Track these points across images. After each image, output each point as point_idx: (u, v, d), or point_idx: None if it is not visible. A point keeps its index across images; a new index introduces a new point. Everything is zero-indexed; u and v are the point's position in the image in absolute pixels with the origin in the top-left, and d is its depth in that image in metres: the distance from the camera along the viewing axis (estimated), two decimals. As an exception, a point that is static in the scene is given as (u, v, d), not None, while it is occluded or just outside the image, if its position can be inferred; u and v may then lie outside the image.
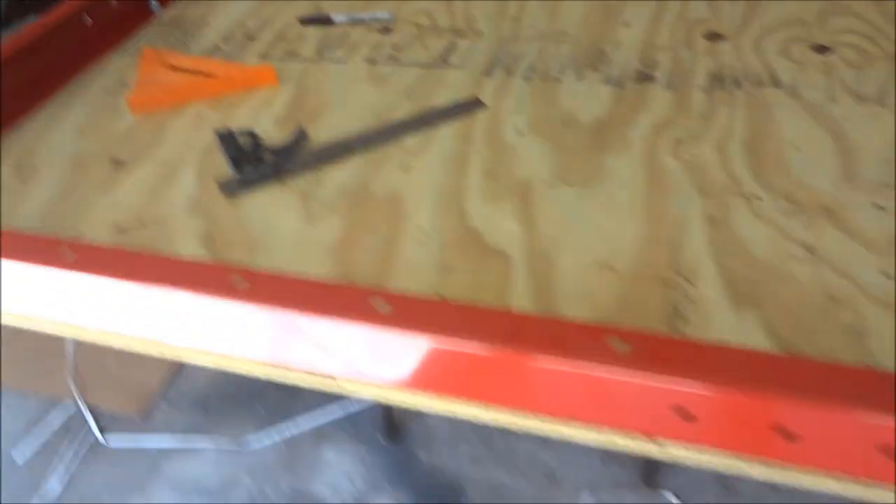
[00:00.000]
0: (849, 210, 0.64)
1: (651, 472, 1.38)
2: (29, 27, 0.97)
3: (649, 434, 0.48)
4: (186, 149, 0.81)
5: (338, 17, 1.03)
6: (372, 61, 0.94)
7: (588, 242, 0.63)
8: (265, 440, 1.53)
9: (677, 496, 1.35)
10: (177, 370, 1.70)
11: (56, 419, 1.63)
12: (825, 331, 0.52)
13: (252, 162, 0.76)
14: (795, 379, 0.43)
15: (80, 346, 1.76)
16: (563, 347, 0.46)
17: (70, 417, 1.63)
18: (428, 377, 0.51)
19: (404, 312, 0.49)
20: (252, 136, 0.80)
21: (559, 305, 0.56)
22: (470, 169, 0.73)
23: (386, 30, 1.01)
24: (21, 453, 1.57)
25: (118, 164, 0.80)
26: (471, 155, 0.75)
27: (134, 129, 0.86)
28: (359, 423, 1.55)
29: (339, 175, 0.74)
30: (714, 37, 0.90)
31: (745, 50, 0.87)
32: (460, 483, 1.43)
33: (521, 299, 0.57)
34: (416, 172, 0.73)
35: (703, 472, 1.37)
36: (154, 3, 1.12)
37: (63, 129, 0.88)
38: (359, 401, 1.56)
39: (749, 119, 0.76)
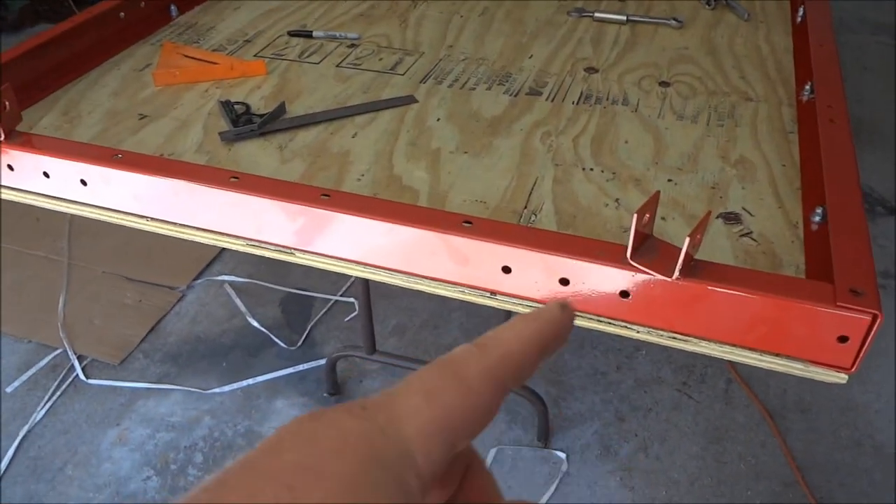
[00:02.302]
0: (650, 181, 0.90)
1: (545, 433, 1.60)
2: (78, 16, 1.20)
3: (485, 287, 0.72)
4: (195, 112, 1.05)
5: (317, 33, 1.28)
6: (339, 66, 1.18)
7: (471, 188, 0.88)
8: (226, 388, 1.73)
9: (565, 453, 1.58)
10: (153, 328, 1.90)
11: (45, 361, 1.82)
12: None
13: (244, 122, 1.00)
14: (577, 248, 0.68)
15: (69, 302, 1.95)
16: (435, 224, 0.70)
17: (57, 358, 1.81)
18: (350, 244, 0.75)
19: (340, 200, 0.74)
20: (245, 105, 1.04)
21: (444, 218, 0.80)
22: (399, 140, 0.98)
23: (353, 46, 1.26)
24: (12, 387, 1.75)
25: (143, 117, 1.04)
26: (401, 131, 1.00)
27: (155, 96, 1.10)
28: (307, 380, 1.75)
29: (306, 136, 0.99)
30: (591, 70, 1.17)
31: (610, 80, 1.14)
32: (386, 435, 1.63)
33: (420, 213, 0.81)
34: (361, 138, 0.98)
35: (586, 434, 1.61)
36: (174, 8, 1.36)
37: (101, 92, 1.11)
38: (307, 362, 1.78)
39: (599, 123, 1.02)
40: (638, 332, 0.69)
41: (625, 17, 1.34)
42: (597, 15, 1.36)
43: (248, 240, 0.79)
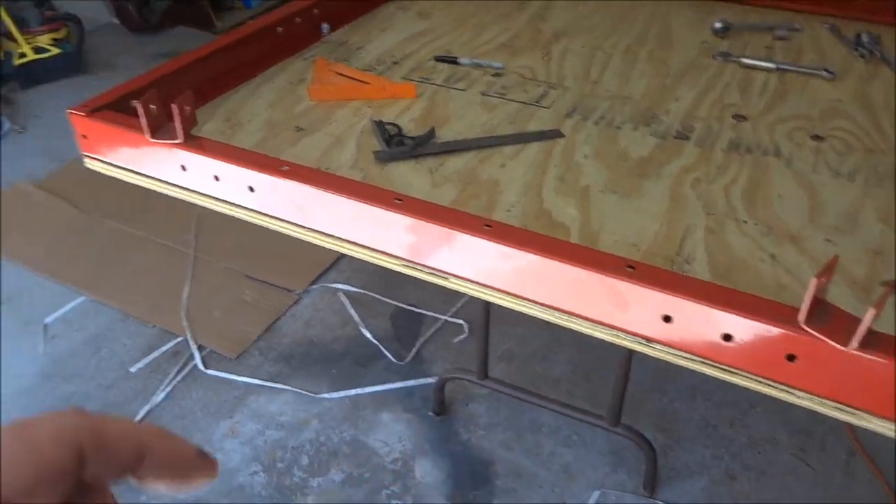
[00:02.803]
0: (806, 240, 0.86)
1: (651, 482, 1.54)
2: (245, 26, 1.25)
3: (642, 334, 0.71)
4: (349, 128, 1.08)
5: (463, 60, 1.30)
6: (485, 94, 1.19)
7: (623, 230, 0.86)
8: (334, 395, 1.75)
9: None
10: (269, 327, 1.95)
11: (167, 347, 1.89)
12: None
13: (396, 143, 1.02)
14: (745, 305, 0.66)
15: (192, 293, 2.03)
16: (598, 266, 0.70)
17: (178, 345, 1.89)
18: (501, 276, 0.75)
19: (502, 232, 0.74)
20: (397, 126, 1.06)
21: (597, 258, 0.79)
22: (548, 173, 0.98)
23: (498, 75, 1.27)
24: (136, 367, 1.83)
25: (300, 130, 1.07)
26: (549, 165, 1.00)
27: (310, 110, 1.13)
28: (413, 396, 1.75)
29: (456, 162, 1.00)
30: (739, 117, 1.14)
31: (760, 130, 1.11)
32: (491, 461, 1.60)
33: (572, 251, 0.80)
34: (510, 169, 0.98)
35: (694, 489, 1.55)
36: (325, 26, 1.41)
37: (258, 102, 1.15)
38: (415, 379, 1.78)
39: (751, 174, 0.99)
40: (800, 397, 0.66)
41: (774, 66, 1.31)
42: (744, 60, 1.33)
43: (405, 260, 0.80)
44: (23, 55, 3.42)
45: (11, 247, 2.24)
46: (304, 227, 0.86)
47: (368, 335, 1.90)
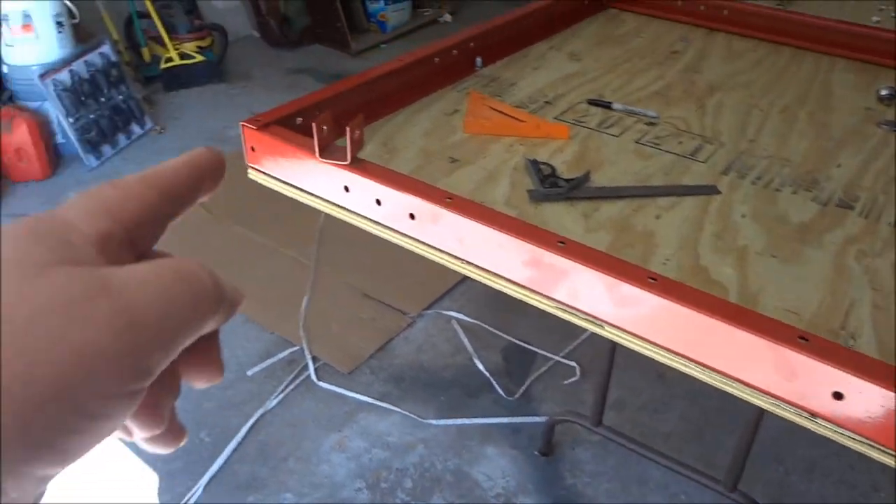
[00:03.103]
0: (984, 329, 0.82)
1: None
2: (405, 55, 1.29)
3: (807, 407, 0.69)
4: (502, 164, 1.10)
5: (616, 105, 1.31)
6: (639, 142, 1.20)
7: (783, 295, 0.85)
8: (441, 422, 1.77)
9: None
10: (383, 346, 1.99)
11: (283, 354, 1.96)
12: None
13: (549, 184, 1.03)
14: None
15: (311, 305, 2.10)
16: (768, 333, 0.68)
17: (294, 354, 1.95)
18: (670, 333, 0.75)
19: (668, 287, 0.73)
20: (551, 167, 1.08)
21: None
22: (704, 230, 0.97)
23: (651, 124, 1.27)
24: (252, 371, 1.90)
25: (454, 161, 1.10)
26: (706, 221, 0.99)
27: (464, 142, 1.16)
28: (520, 433, 1.75)
29: (610, 208, 1.00)
30: (908, 192, 1.10)
31: (931, 207, 1.07)
32: (596, 510, 1.59)
33: (731, 312, 0.79)
34: (665, 221, 0.98)
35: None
36: (479, 60, 1.44)
37: (414, 129, 1.19)
38: (524, 416, 1.78)
39: (922, 253, 0.95)
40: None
41: (945, 140, 1.25)
42: (911, 132, 1.28)
43: (560, 303, 0.81)
44: (169, 59, 3.65)
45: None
46: (460, 259, 0.88)
47: (480, 366, 1.92)
